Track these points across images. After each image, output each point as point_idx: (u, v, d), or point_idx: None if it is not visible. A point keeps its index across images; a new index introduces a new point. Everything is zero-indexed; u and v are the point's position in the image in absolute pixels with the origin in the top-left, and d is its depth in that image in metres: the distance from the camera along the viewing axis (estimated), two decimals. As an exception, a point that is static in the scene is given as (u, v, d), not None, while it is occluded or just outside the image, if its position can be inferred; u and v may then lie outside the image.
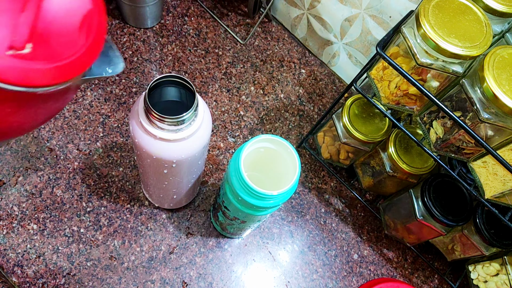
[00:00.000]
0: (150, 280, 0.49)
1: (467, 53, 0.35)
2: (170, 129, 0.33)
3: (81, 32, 0.24)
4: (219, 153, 0.59)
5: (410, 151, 0.51)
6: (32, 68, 0.21)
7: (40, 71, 0.22)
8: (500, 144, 0.38)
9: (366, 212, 0.61)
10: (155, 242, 0.51)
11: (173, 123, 0.33)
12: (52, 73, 0.23)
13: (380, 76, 0.44)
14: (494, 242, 0.47)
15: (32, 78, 0.21)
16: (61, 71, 0.23)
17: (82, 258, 0.49)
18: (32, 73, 0.21)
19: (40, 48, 0.22)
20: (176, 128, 0.33)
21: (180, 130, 0.34)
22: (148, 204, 0.53)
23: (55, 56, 0.23)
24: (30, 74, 0.21)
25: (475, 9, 0.37)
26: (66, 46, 0.24)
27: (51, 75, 0.22)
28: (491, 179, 0.40)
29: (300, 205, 0.59)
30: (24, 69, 0.21)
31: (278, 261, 0.54)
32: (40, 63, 0.22)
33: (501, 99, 0.33)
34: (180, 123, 0.33)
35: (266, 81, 0.66)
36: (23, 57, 0.21)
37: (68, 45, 0.24)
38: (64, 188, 0.52)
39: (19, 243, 0.48)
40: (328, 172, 0.62)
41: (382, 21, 0.57)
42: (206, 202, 0.55)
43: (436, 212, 0.47)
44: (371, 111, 0.53)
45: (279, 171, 0.41)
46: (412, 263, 0.59)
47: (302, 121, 0.65)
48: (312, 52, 0.72)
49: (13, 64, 0.20)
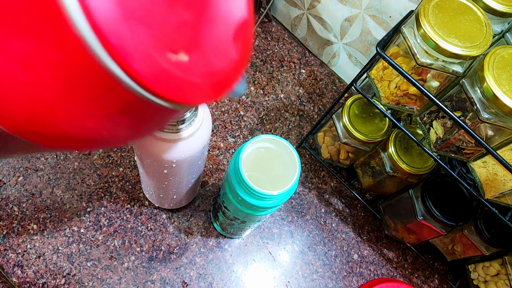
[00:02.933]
0: (150, 280, 0.49)
1: (467, 53, 0.35)
2: (170, 129, 0.33)
3: (234, 44, 0.20)
4: (219, 153, 0.59)
5: (410, 151, 0.51)
6: (190, 81, 0.17)
7: (196, 87, 0.17)
8: (500, 144, 0.38)
9: (366, 212, 0.61)
10: (155, 242, 0.51)
11: (173, 123, 0.33)
12: (206, 90, 0.18)
13: (380, 76, 0.44)
14: (494, 242, 0.47)
15: (187, 93, 0.17)
16: (214, 88, 0.19)
17: (82, 258, 0.49)
18: (189, 87, 0.17)
19: (197, 58, 0.18)
20: (176, 128, 0.33)
21: (180, 130, 0.34)
22: (148, 204, 0.53)
23: (210, 69, 0.19)
24: (186, 88, 0.17)
25: (475, 9, 0.37)
26: (220, 58, 0.19)
27: (204, 92, 0.18)
28: (491, 179, 0.40)
29: (300, 205, 0.59)
30: (181, 80, 0.16)
31: (278, 261, 0.54)
32: (196, 77, 0.17)
33: (501, 99, 0.33)
34: (180, 123, 0.33)
35: (266, 81, 0.66)
36: (180, 66, 0.16)
37: (222, 58, 0.20)
38: (64, 188, 0.52)
39: (19, 243, 0.48)
40: (328, 172, 0.62)
41: (382, 21, 0.57)
42: (206, 202, 0.55)
43: (436, 212, 0.47)
44: (371, 111, 0.53)
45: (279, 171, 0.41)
46: (412, 263, 0.59)
47: (302, 121, 0.65)
48: (312, 52, 0.72)
49: (171, 72, 0.16)
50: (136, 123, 0.18)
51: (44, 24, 0.13)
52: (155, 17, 0.15)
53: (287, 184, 0.35)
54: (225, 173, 0.41)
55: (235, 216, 0.42)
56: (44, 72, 0.14)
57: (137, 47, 0.14)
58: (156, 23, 0.15)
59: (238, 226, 0.46)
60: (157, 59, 0.15)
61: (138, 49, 0.14)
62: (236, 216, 0.42)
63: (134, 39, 0.14)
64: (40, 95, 0.15)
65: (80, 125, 0.16)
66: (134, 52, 0.14)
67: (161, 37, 0.15)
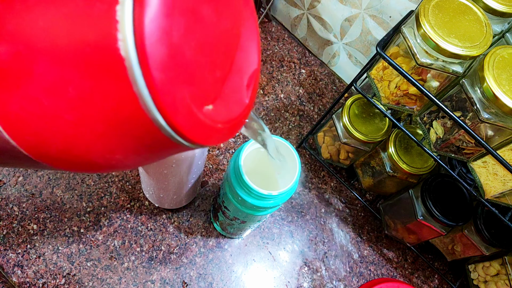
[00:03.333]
0: (150, 280, 0.49)
1: (467, 53, 0.35)
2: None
3: (247, 92, 0.24)
4: (219, 153, 0.59)
5: (410, 151, 0.51)
6: (214, 127, 0.20)
7: (218, 131, 0.20)
8: (500, 144, 0.38)
9: (366, 212, 0.61)
10: (155, 242, 0.51)
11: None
12: (224, 134, 0.21)
13: (380, 76, 0.44)
14: (494, 242, 0.47)
15: (211, 138, 0.20)
16: (230, 131, 0.22)
17: (82, 258, 0.49)
18: (213, 133, 0.20)
19: (221, 107, 0.21)
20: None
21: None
22: (148, 204, 0.53)
23: (229, 116, 0.22)
24: (212, 134, 0.20)
25: (475, 9, 0.37)
26: (236, 105, 0.23)
27: (223, 136, 0.21)
28: (491, 179, 0.40)
29: (300, 205, 0.59)
30: (209, 128, 0.19)
31: (278, 261, 0.54)
32: (219, 123, 0.20)
33: (501, 99, 0.33)
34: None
35: (266, 81, 0.66)
36: (209, 115, 0.19)
37: (238, 104, 0.23)
38: (64, 188, 0.52)
39: (19, 243, 0.48)
40: (328, 172, 0.62)
41: (382, 21, 0.57)
42: (206, 202, 0.55)
43: (436, 212, 0.47)
44: (371, 111, 0.53)
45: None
46: (412, 263, 0.59)
47: (302, 121, 0.65)
48: (312, 52, 0.72)
49: (203, 122, 0.19)
50: (157, 156, 0.21)
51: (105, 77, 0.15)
52: (198, 79, 0.18)
53: (287, 184, 0.35)
54: (225, 173, 0.41)
55: (235, 216, 0.42)
56: (92, 116, 0.16)
57: (181, 103, 0.17)
58: (198, 83, 0.18)
59: (238, 226, 0.46)
60: (195, 112, 0.18)
61: (182, 105, 0.17)
62: (236, 216, 0.42)
63: (180, 97, 0.17)
64: (82, 134, 0.17)
65: (110, 158, 0.18)
66: (179, 108, 0.17)
67: (200, 94, 0.18)
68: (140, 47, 0.14)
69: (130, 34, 0.14)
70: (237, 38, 0.22)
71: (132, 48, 0.14)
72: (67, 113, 0.16)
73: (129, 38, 0.14)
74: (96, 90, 0.15)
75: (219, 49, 0.19)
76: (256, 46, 0.24)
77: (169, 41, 0.15)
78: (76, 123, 0.16)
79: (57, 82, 0.15)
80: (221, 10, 0.19)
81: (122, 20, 0.14)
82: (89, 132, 0.17)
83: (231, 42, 0.21)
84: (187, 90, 0.17)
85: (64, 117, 0.16)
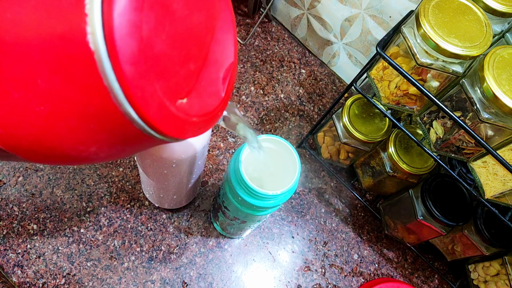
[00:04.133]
0: (150, 280, 0.49)
1: (467, 53, 0.35)
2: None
3: (223, 85, 0.24)
4: (219, 153, 0.59)
5: (410, 151, 0.51)
6: (188, 121, 0.20)
7: (193, 125, 0.20)
8: (500, 144, 0.38)
9: (366, 212, 0.61)
10: (155, 242, 0.51)
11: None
12: (200, 127, 0.21)
13: (380, 76, 0.44)
14: (494, 242, 0.47)
15: (185, 131, 0.20)
16: (205, 124, 0.22)
17: (82, 258, 0.49)
18: (187, 126, 0.20)
19: (195, 100, 0.21)
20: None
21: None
22: (148, 204, 0.53)
23: (204, 109, 0.22)
24: (185, 127, 0.20)
25: (475, 9, 0.37)
26: (212, 98, 0.23)
27: (198, 129, 0.21)
28: (491, 179, 0.40)
29: (300, 205, 0.59)
30: (182, 121, 0.19)
31: (278, 261, 0.54)
32: (194, 116, 0.20)
33: (501, 99, 0.33)
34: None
35: (266, 81, 0.66)
36: (182, 108, 0.19)
37: (214, 98, 0.23)
38: (64, 188, 0.52)
39: (19, 243, 0.48)
40: (328, 172, 0.62)
41: (382, 21, 0.57)
42: (206, 202, 0.55)
43: (436, 212, 0.47)
44: (371, 111, 0.53)
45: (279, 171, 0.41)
46: (412, 263, 0.59)
47: (302, 121, 0.65)
48: (312, 52, 0.72)
49: (176, 115, 0.19)
50: (132, 149, 0.21)
51: (75, 70, 0.15)
52: (170, 72, 0.18)
53: (287, 184, 0.35)
54: (225, 173, 0.41)
55: (235, 216, 0.42)
56: (63, 109, 0.16)
57: (153, 96, 0.17)
58: (170, 76, 0.18)
59: (238, 226, 0.46)
60: (167, 106, 0.18)
61: (153, 98, 0.17)
62: (236, 216, 0.42)
63: (151, 91, 0.17)
64: (53, 127, 0.17)
65: (83, 150, 0.18)
66: (150, 101, 0.17)
67: (173, 87, 0.18)
68: (110, 40, 0.14)
69: (99, 27, 0.14)
70: (211, 31, 0.22)
71: (102, 41, 0.14)
72: (37, 106, 0.16)
73: (98, 31, 0.14)
74: (66, 83, 0.15)
75: (191, 42, 0.19)
76: (233, 39, 0.24)
77: (139, 34, 0.15)
78: (47, 116, 0.16)
79: (26, 75, 0.15)
80: (193, 3, 0.19)
81: (91, 13, 0.14)
82: (60, 125, 0.16)
83: (205, 35, 0.21)
84: (158, 83, 0.17)
85: (34, 109, 0.16)
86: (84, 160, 0.19)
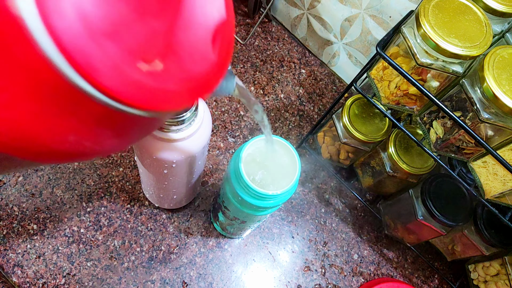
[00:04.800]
0: (150, 280, 0.49)
1: (467, 53, 0.35)
2: (170, 129, 0.33)
3: (213, 47, 0.20)
4: (219, 153, 0.59)
5: (410, 151, 0.51)
6: (164, 89, 0.17)
7: (171, 93, 0.17)
8: (500, 144, 0.38)
9: (366, 212, 0.61)
10: (155, 242, 0.51)
11: (173, 123, 0.33)
12: (183, 96, 0.18)
13: (380, 76, 0.44)
14: (494, 242, 0.47)
15: (161, 101, 0.17)
16: (192, 93, 0.19)
17: (82, 258, 0.49)
18: (163, 95, 0.17)
19: (172, 65, 0.18)
20: (176, 128, 0.33)
21: (180, 130, 0.34)
22: (148, 204, 0.53)
23: (186, 75, 0.18)
24: (161, 96, 0.17)
25: (475, 9, 0.37)
26: (197, 63, 0.19)
27: (181, 98, 0.18)
28: (491, 179, 0.40)
29: (300, 205, 0.59)
30: (154, 89, 0.16)
31: (278, 261, 0.54)
32: (172, 83, 0.17)
33: (501, 99, 0.33)
34: (180, 123, 0.33)
35: (266, 81, 0.66)
36: (154, 74, 0.17)
37: (200, 61, 0.19)
38: (64, 188, 0.52)
39: (19, 243, 0.48)
40: (328, 172, 0.62)
41: (382, 21, 0.57)
42: (206, 202, 0.55)
43: (436, 212, 0.47)
44: (371, 111, 0.53)
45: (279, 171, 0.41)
46: (412, 263, 0.59)
47: (302, 121, 0.65)
48: (312, 52, 0.72)
49: (143, 82, 0.16)
50: (117, 133, 0.18)
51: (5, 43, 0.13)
52: (122, 30, 0.15)
53: (287, 184, 0.35)
54: (225, 173, 0.41)
55: (235, 216, 0.42)
56: (10, 91, 0.14)
57: (104, 61, 0.14)
58: (123, 35, 0.15)
59: (238, 226, 0.46)
60: (126, 71, 0.15)
61: (105, 63, 0.14)
62: (236, 216, 0.42)
63: (101, 53, 0.14)
64: (11, 114, 0.14)
65: (62, 139, 0.16)
66: (101, 66, 0.14)
67: (130, 48, 0.15)
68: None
69: None
70: None
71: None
72: None
73: None
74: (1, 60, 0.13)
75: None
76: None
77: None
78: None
79: None
80: None
81: None
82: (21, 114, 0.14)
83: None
84: (109, 44, 0.14)
85: None
86: (74, 153, 0.17)
